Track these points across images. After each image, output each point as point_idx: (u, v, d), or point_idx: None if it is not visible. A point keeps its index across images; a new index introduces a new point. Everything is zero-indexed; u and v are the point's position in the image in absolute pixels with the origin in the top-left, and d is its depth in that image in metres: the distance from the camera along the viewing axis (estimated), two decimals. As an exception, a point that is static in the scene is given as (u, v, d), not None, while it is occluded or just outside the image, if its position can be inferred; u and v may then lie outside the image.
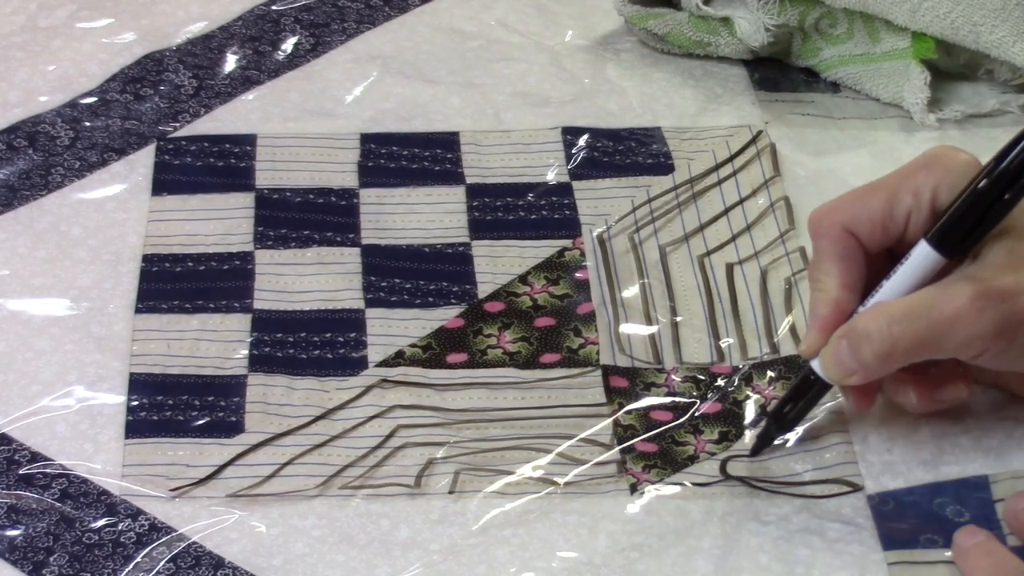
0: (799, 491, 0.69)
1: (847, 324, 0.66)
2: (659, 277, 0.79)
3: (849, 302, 0.67)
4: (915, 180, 0.67)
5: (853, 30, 0.90)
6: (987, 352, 0.65)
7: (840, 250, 0.68)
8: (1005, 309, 0.64)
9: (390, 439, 0.71)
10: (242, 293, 0.78)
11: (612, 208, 0.82)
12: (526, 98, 0.90)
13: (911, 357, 0.65)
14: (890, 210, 0.67)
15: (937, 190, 0.66)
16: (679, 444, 0.71)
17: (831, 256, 0.68)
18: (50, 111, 0.88)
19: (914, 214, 0.67)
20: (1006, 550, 0.64)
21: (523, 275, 0.79)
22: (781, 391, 0.73)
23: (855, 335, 0.66)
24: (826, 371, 0.67)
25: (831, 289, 0.67)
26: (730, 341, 0.75)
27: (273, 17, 0.95)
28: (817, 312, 0.68)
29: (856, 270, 0.68)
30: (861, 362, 0.66)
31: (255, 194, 0.83)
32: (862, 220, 0.68)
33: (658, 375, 0.74)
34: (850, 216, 0.68)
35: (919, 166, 0.67)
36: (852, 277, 0.68)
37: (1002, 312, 0.63)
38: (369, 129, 0.87)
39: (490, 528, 0.67)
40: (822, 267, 0.68)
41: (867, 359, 0.65)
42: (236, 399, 0.73)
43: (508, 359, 0.75)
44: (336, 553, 0.66)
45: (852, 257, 0.68)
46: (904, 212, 0.67)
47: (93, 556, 0.66)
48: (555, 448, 0.70)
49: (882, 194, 0.67)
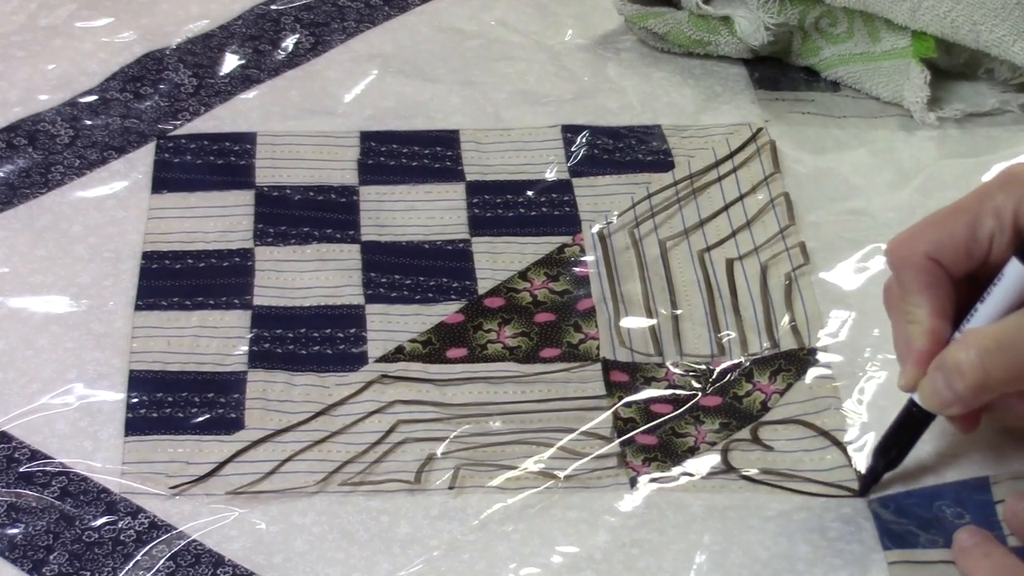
0: (799, 487, 0.69)
1: (940, 356, 0.65)
2: (659, 272, 0.79)
3: (944, 330, 0.65)
4: (995, 200, 0.65)
5: (853, 29, 0.90)
6: None
7: (927, 279, 0.66)
8: None
9: (390, 435, 0.71)
10: (242, 290, 0.78)
11: (612, 204, 0.83)
12: (526, 96, 0.90)
13: (1006, 387, 0.64)
14: (973, 233, 0.65)
15: (1019, 208, 0.65)
16: (679, 436, 0.71)
17: (919, 286, 0.66)
18: (50, 110, 0.88)
19: (997, 235, 0.65)
20: (1006, 550, 0.64)
21: (523, 271, 0.79)
22: (782, 385, 0.73)
23: (947, 368, 0.64)
24: (926, 403, 0.66)
25: (924, 320, 0.65)
26: (731, 335, 0.76)
27: (273, 16, 0.95)
28: (913, 345, 0.66)
29: (946, 297, 0.66)
30: (956, 394, 0.64)
31: (255, 191, 0.83)
32: (945, 246, 0.66)
33: (658, 369, 0.74)
34: (932, 243, 0.66)
35: (997, 186, 0.66)
36: (943, 304, 0.66)
37: None
38: (369, 127, 0.88)
39: (490, 524, 0.67)
40: (911, 299, 0.66)
41: (961, 392, 0.64)
42: (236, 395, 0.73)
43: (508, 354, 0.75)
44: (336, 550, 0.66)
45: (940, 284, 0.66)
46: (987, 234, 0.65)
47: (93, 554, 0.66)
48: (555, 442, 0.70)
49: (963, 217, 0.66)
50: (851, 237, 0.81)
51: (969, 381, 0.63)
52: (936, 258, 0.66)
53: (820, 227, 0.81)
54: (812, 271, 0.79)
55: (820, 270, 0.79)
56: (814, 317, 0.76)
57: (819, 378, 0.73)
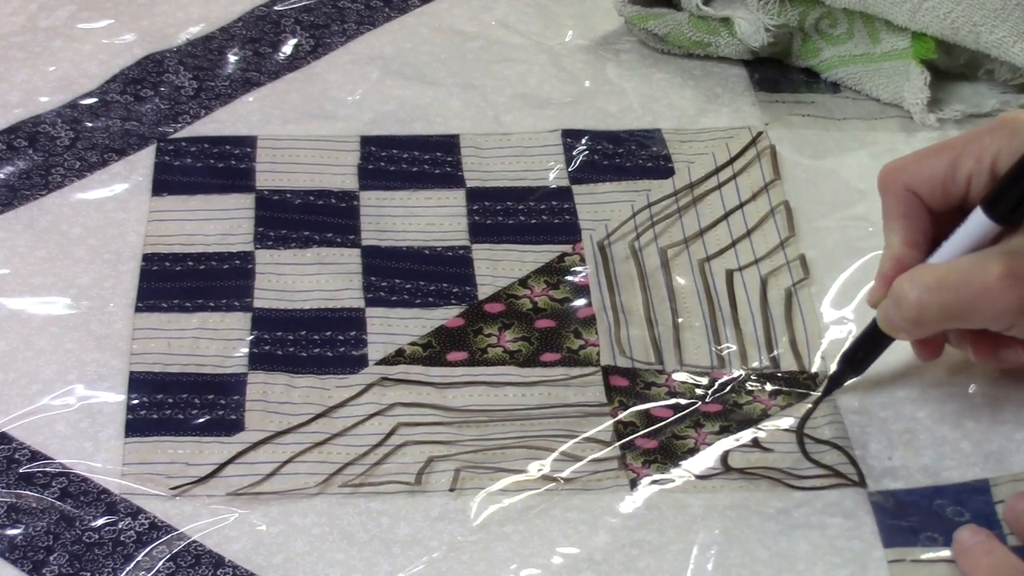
0: (799, 483, 0.69)
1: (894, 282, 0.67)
2: (659, 282, 0.79)
3: (911, 259, 0.68)
4: (980, 143, 0.67)
5: (853, 30, 0.90)
6: (1015, 327, 0.65)
7: (903, 208, 0.69)
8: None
9: (390, 437, 0.71)
10: (242, 292, 0.78)
11: (612, 213, 0.82)
12: (526, 100, 0.90)
13: (940, 325, 0.66)
14: (952, 173, 0.67)
15: (999, 155, 0.66)
16: (679, 438, 0.71)
17: (895, 214, 0.69)
18: (50, 111, 0.88)
19: (975, 178, 0.67)
20: (1006, 549, 0.64)
21: (523, 279, 0.79)
22: (783, 403, 0.73)
23: (893, 296, 0.67)
24: (879, 324, 0.69)
25: (895, 246, 0.69)
26: (731, 348, 0.75)
27: (273, 18, 0.95)
28: (881, 267, 0.69)
29: (919, 228, 0.69)
30: (900, 324, 0.67)
31: (255, 195, 0.83)
32: (924, 180, 0.68)
33: (658, 376, 0.74)
34: (912, 176, 0.68)
35: (987, 130, 0.67)
36: (915, 234, 0.68)
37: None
38: (369, 131, 0.87)
39: (490, 525, 0.67)
40: (888, 224, 0.69)
41: (899, 323, 0.67)
42: (236, 397, 0.73)
43: (508, 357, 0.75)
44: (336, 551, 0.66)
45: (915, 215, 0.69)
46: (965, 175, 0.67)
47: (93, 555, 0.66)
48: (556, 447, 0.70)
49: (946, 156, 0.68)
50: (852, 244, 0.80)
51: (905, 313, 0.66)
52: (915, 190, 0.68)
53: (820, 233, 0.81)
54: (812, 284, 0.78)
55: (820, 282, 0.79)
56: (814, 335, 0.76)
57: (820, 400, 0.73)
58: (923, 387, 0.73)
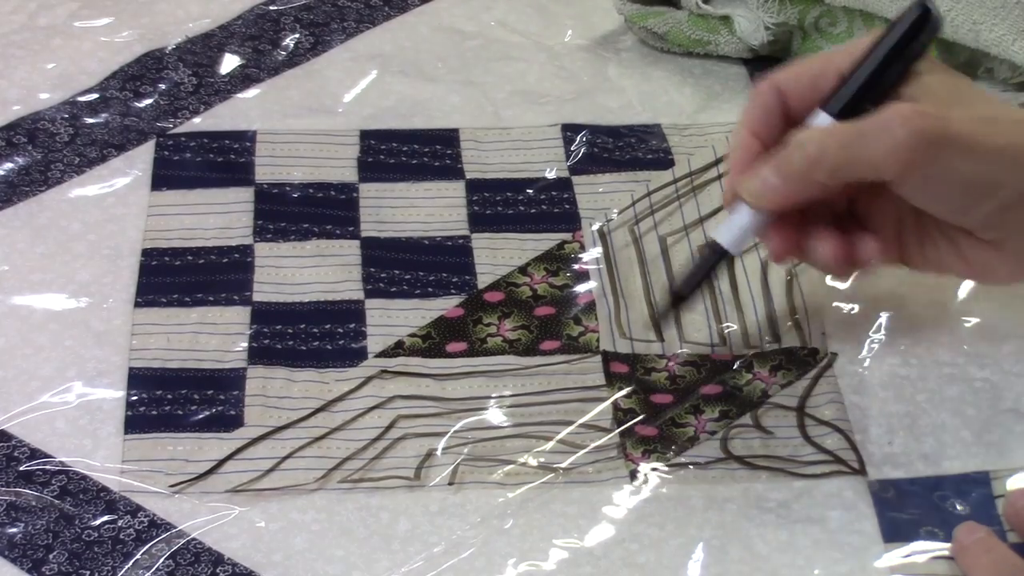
0: (800, 470, 0.69)
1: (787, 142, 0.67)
2: (660, 268, 0.79)
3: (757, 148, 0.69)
4: (858, 45, 0.68)
5: (853, 28, 0.90)
6: (909, 170, 0.64)
7: (760, 101, 0.69)
8: (927, 125, 0.63)
9: (390, 430, 0.71)
10: (241, 286, 0.78)
11: (612, 202, 0.83)
12: (526, 96, 0.90)
13: (837, 166, 0.65)
14: (824, 68, 0.68)
15: None
16: (679, 426, 0.71)
17: (750, 107, 0.70)
18: (50, 108, 0.88)
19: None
20: (1006, 547, 0.65)
21: (523, 266, 0.79)
22: (783, 380, 0.73)
23: (791, 147, 0.66)
24: (748, 196, 0.68)
25: (739, 133, 0.70)
26: (732, 327, 0.76)
27: (273, 16, 0.95)
28: (730, 159, 0.70)
29: (769, 121, 0.69)
30: (787, 174, 0.66)
31: (254, 189, 0.83)
32: (794, 77, 0.69)
33: (659, 360, 0.74)
34: (785, 74, 0.70)
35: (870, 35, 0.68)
36: (761, 127, 0.69)
37: (924, 126, 0.63)
38: (369, 126, 0.88)
39: (490, 519, 0.67)
40: (742, 117, 0.70)
41: (796, 166, 0.66)
42: (235, 392, 0.73)
43: (508, 347, 0.75)
44: (336, 548, 0.66)
45: (769, 110, 0.69)
46: (835, 70, 0.68)
47: (93, 553, 0.66)
48: (555, 435, 0.71)
49: (824, 56, 0.69)
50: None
51: (808, 151, 0.65)
52: (781, 87, 0.69)
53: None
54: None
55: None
56: (815, 313, 0.76)
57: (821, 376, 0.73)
58: (922, 367, 0.74)
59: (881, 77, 0.66)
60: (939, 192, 0.66)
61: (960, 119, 0.64)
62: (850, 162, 0.65)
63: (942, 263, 0.70)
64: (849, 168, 0.65)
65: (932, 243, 0.69)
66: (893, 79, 0.66)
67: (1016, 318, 0.76)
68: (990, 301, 0.77)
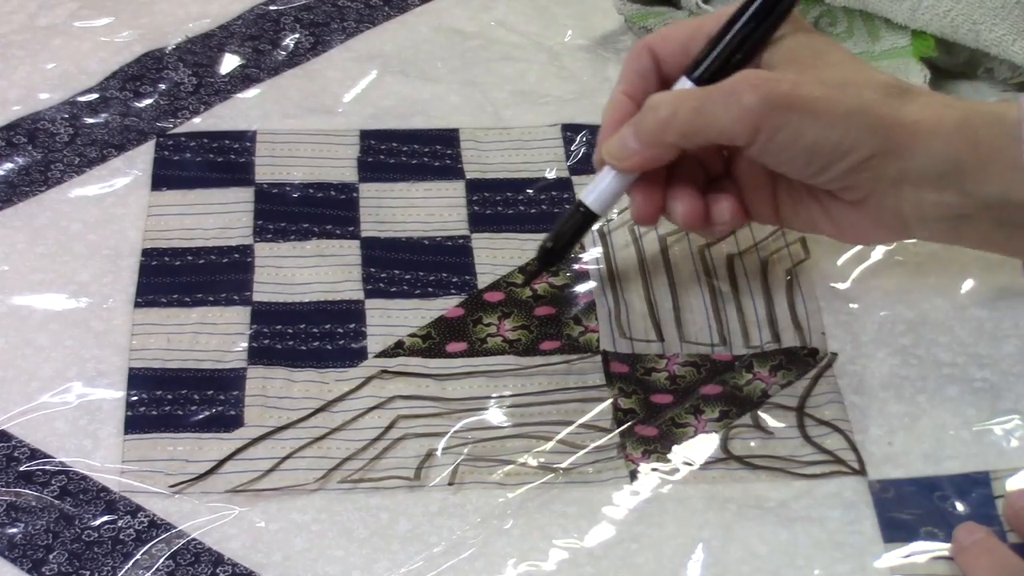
0: (800, 470, 0.69)
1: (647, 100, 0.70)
2: (660, 268, 0.79)
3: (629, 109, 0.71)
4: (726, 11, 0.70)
5: (853, 28, 0.90)
6: (757, 134, 0.67)
7: (634, 64, 0.72)
8: (773, 90, 0.66)
9: (390, 430, 0.71)
10: (241, 286, 0.78)
11: (612, 202, 0.83)
12: (526, 96, 0.90)
13: (688, 129, 0.68)
14: (695, 32, 0.71)
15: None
16: (679, 426, 0.71)
17: (625, 69, 0.73)
18: (50, 108, 0.88)
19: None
20: (1006, 548, 0.65)
21: (523, 266, 0.79)
22: (783, 380, 0.73)
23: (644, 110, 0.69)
24: (609, 156, 0.71)
25: (614, 94, 0.72)
26: (732, 327, 0.76)
27: (273, 16, 0.95)
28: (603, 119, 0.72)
29: (642, 84, 0.72)
30: (642, 137, 0.69)
31: (254, 188, 0.83)
32: (667, 39, 0.72)
33: (659, 360, 0.74)
34: (659, 36, 0.72)
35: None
36: (635, 89, 0.72)
37: (770, 92, 0.66)
38: (369, 126, 0.88)
39: (490, 520, 0.67)
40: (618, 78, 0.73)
41: (649, 128, 0.69)
42: (235, 392, 0.72)
43: (508, 347, 0.75)
44: (335, 548, 0.66)
45: (643, 72, 0.72)
46: (707, 34, 0.70)
47: (92, 554, 0.66)
48: (555, 435, 0.71)
49: (698, 21, 0.72)
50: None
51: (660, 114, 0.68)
52: (654, 49, 0.72)
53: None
54: (813, 265, 0.79)
55: (821, 263, 0.79)
56: (815, 314, 0.76)
57: (821, 376, 0.73)
58: (922, 367, 0.74)
59: (742, 44, 0.69)
60: (790, 156, 0.68)
61: (809, 83, 0.67)
62: (700, 127, 0.68)
63: (814, 223, 0.72)
64: (699, 132, 0.68)
65: (803, 204, 0.72)
66: (755, 46, 0.69)
67: (1016, 318, 0.76)
68: (990, 301, 0.77)
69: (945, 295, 0.77)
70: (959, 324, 0.76)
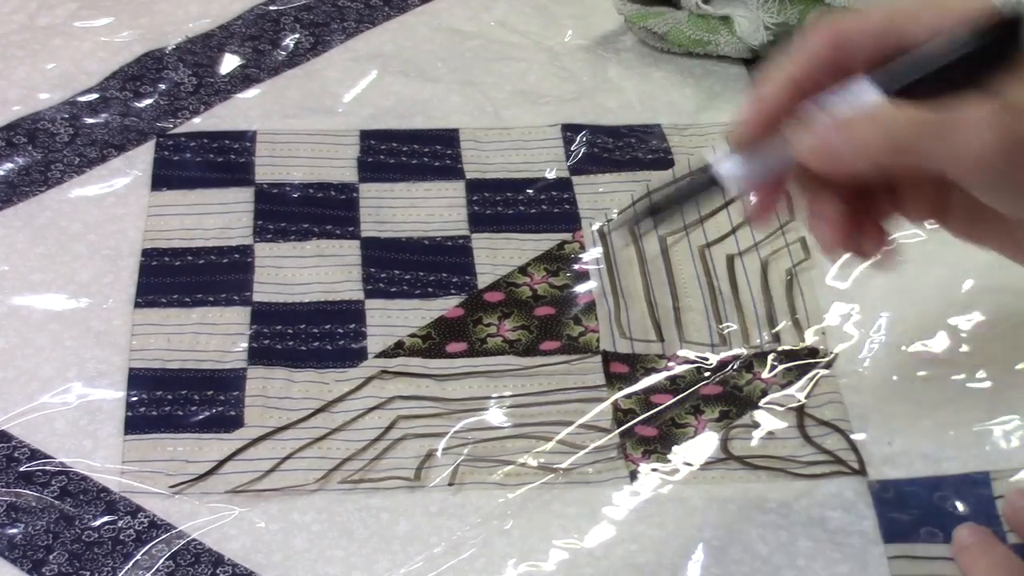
0: (800, 471, 0.69)
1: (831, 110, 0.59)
2: (660, 268, 0.79)
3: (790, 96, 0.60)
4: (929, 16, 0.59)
5: (853, 28, 0.90)
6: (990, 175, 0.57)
7: (811, 48, 0.60)
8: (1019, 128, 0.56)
9: (390, 431, 0.71)
10: (241, 286, 0.78)
11: (612, 202, 0.83)
12: (526, 96, 0.90)
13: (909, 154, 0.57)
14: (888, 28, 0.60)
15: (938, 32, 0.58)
16: (679, 426, 0.71)
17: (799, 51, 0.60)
18: (50, 108, 0.88)
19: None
20: (1006, 548, 0.64)
21: (523, 266, 0.79)
22: (783, 380, 0.73)
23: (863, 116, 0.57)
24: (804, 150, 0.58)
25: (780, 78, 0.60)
26: (732, 327, 0.76)
27: (273, 16, 0.95)
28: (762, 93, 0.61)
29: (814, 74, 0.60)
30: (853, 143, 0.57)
31: (254, 188, 0.83)
32: (860, 30, 0.60)
33: (658, 360, 0.74)
34: (845, 25, 0.60)
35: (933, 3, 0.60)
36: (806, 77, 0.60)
37: (1016, 130, 0.56)
38: (369, 126, 0.88)
39: (490, 520, 0.67)
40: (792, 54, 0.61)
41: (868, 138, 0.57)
42: (235, 393, 0.73)
43: (508, 347, 0.75)
44: (336, 548, 0.66)
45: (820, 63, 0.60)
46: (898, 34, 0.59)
47: (93, 554, 0.66)
48: (555, 435, 0.71)
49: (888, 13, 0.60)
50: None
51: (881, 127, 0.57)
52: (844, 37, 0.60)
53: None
54: (813, 265, 0.79)
55: (821, 262, 0.79)
56: (815, 314, 0.76)
57: (821, 376, 0.73)
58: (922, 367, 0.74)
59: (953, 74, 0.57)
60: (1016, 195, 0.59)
61: None
62: (925, 153, 0.57)
63: (988, 240, 0.63)
64: (921, 159, 0.57)
65: (983, 222, 0.62)
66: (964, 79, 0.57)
67: (1016, 318, 0.76)
68: (991, 300, 0.77)
69: (945, 295, 0.77)
70: (959, 324, 0.76)
